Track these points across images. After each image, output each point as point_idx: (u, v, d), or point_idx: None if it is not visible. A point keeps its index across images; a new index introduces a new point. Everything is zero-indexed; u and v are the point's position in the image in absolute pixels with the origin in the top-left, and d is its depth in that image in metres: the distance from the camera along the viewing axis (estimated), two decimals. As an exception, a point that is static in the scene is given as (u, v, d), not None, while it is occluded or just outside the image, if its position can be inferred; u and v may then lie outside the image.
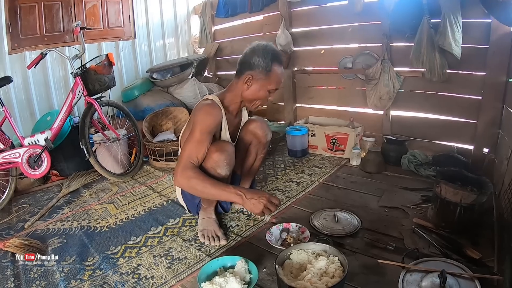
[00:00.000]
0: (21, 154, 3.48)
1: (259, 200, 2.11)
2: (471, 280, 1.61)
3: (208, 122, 2.33)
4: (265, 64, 2.34)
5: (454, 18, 3.17)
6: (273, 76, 2.37)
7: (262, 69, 2.35)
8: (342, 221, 2.60)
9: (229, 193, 2.17)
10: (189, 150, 2.28)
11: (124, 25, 5.64)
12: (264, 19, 5.25)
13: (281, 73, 2.43)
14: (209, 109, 2.37)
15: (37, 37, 4.68)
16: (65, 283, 2.22)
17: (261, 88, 2.41)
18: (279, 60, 2.41)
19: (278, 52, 2.44)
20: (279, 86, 2.46)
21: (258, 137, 2.76)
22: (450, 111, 3.70)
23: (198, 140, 2.28)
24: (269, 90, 2.43)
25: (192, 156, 2.27)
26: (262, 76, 2.37)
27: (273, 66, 2.35)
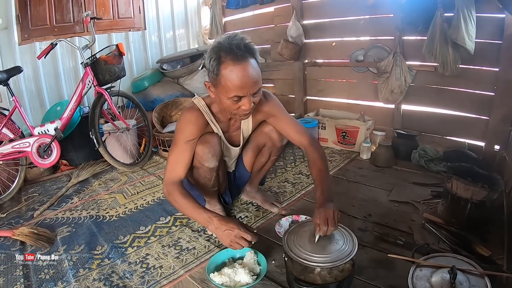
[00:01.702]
0: (31, 144, 3.49)
1: (226, 232, 1.90)
2: (481, 277, 1.58)
3: (188, 130, 2.18)
4: (212, 66, 1.91)
5: (468, 12, 3.12)
6: (224, 81, 1.88)
7: (212, 73, 1.94)
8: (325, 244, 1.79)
9: (200, 217, 2.01)
10: (171, 163, 2.19)
11: (134, 16, 5.63)
12: (275, 10, 5.18)
13: (236, 73, 1.85)
14: (189, 116, 2.20)
15: (47, 28, 4.68)
16: (74, 272, 2.24)
17: (222, 98, 1.98)
18: (231, 55, 1.85)
19: (229, 43, 1.87)
20: (241, 92, 1.90)
21: (273, 141, 2.55)
22: (461, 107, 3.65)
23: (179, 151, 2.18)
24: (233, 99, 1.93)
25: (173, 169, 2.17)
26: (214, 82, 1.96)
27: (222, 67, 1.87)
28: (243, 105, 1.95)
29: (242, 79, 1.86)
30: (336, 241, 1.78)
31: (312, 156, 2.30)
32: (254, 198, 2.99)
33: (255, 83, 1.91)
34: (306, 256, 1.69)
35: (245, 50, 1.88)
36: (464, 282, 1.54)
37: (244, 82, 1.87)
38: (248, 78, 1.87)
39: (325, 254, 1.68)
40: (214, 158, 2.31)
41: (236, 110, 2.01)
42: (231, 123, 2.41)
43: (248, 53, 1.89)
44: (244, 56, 1.87)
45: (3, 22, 4.19)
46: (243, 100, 1.94)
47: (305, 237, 1.83)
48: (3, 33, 4.30)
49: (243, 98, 1.93)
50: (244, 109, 1.97)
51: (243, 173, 2.80)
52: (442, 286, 1.54)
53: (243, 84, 1.87)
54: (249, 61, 1.89)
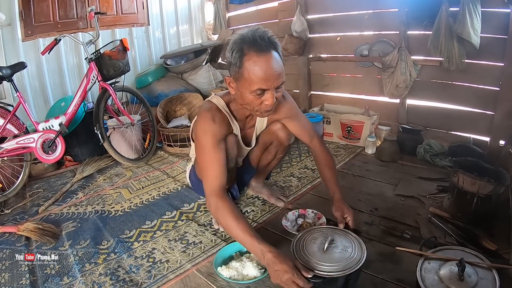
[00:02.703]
0: (35, 139, 3.49)
1: (278, 273, 1.66)
2: (489, 270, 1.58)
3: (215, 131, 2.04)
4: (234, 59, 1.84)
5: (473, 7, 3.11)
6: (248, 73, 1.80)
7: (234, 66, 1.86)
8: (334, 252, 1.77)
9: (253, 247, 1.80)
10: (208, 170, 2.03)
11: (138, 11, 5.63)
12: (279, 5, 5.20)
13: (261, 64, 1.78)
14: (212, 116, 2.06)
15: (50, 24, 4.68)
16: (80, 267, 2.24)
17: (243, 91, 1.89)
18: (256, 47, 1.79)
19: (253, 35, 1.80)
20: (265, 85, 1.82)
21: (281, 140, 2.49)
22: (467, 102, 3.64)
23: (213, 155, 2.02)
24: (256, 93, 1.85)
25: (214, 177, 2.00)
26: (237, 75, 1.87)
27: (245, 59, 1.80)
28: (266, 100, 1.88)
29: (266, 70, 1.79)
30: (345, 248, 1.75)
31: (323, 157, 2.36)
32: (260, 192, 2.99)
33: (279, 75, 1.84)
34: (315, 265, 1.67)
35: (268, 42, 1.81)
36: (472, 275, 1.54)
37: (268, 74, 1.80)
38: (272, 70, 1.80)
39: (335, 263, 1.66)
40: (233, 160, 2.31)
41: (258, 106, 1.93)
42: (247, 121, 2.35)
43: (271, 45, 1.82)
44: (268, 47, 1.80)
45: (7, 19, 4.19)
46: (266, 94, 1.87)
47: (314, 245, 1.81)
48: (7, 30, 4.30)
49: (266, 92, 1.86)
50: (267, 104, 1.89)
51: (249, 168, 2.79)
52: (451, 278, 1.54)
53: (267, 76, 1.80)
54: (273, 53, 1.82)
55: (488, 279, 1.54)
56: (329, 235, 1.82)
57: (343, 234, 1.88)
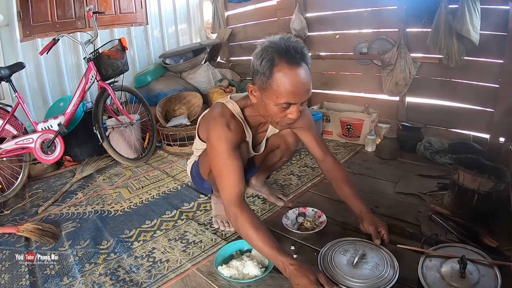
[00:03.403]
0: (34, 140, 3.48)
1: (303, 287, 1.60)
2: (490, 267, 1.58)
3: (231, 137, 1.95)
4: (263, 68, 1.73)
5: (473, 4, 3.11)
6: (277, 85, 1.71)
7: (262, 76, 1.75)
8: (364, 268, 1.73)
9: (274, 259, 1.74)
10: (226, 178, 1.92)
11: (136, 11, 5.62)
12: (278, 3, 5.19)
13: (292, 78, 1.70)
14: (227, 123, 1.97)
15: (48, 24, 4.67)
16: (79, 267, 2.24)
17: (267, 102, 1.81)
18: (289, 59, 1.69)
19: (287, 46, 1.70)
20: (294, 99, 1.75)
21: (288, 145, 2.47)
22: (466, 99, 3.64)
23: (230, 162, 1.92)
24: (282, 105, 1.77)
25: (232, 185, 1.91)
26: (264, 85, 1.77)
27: (276, 70, 1.70)
28: (291, 113, 1.80)
29: (297, 85, 1.71)
30: (376, 265, 1.70)
31: (339, 173, 2.30)
32: (260, 191, 2.98)
33: (308, 91, 1.77)
34: (341, 279, 1.63)
35: (301, 54, 1.73)
36: (474, 272, 1.54)
37: (299, 89, 1.72)
38: (303, 85, 1.73)
39: (363, 279, 1.61)
40: (243, 165, 2.21)
41: (281, 119, 1.86)
42: (259, 127, 2.31)
43: (303, 58, 1.74)
44: (300, 60, 1.72)
45: (5, 19, 4.17)
46: (291, 108, 1.80)
47: (343, 258, 1.77)
48: (5, 30, 4.29)
49: (292, 106, 1.79)
50: (290, 117, 1.82)
51: (251, 167, 2.75)
52: (452, 276, 1.54)
53: (297, 91, 1.72)
54: (304, 66, 1.74)
55: (489, 276, 1.54)
56: (360, 249, 1.78)
57: (375, 249, 1.83)
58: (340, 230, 2.40)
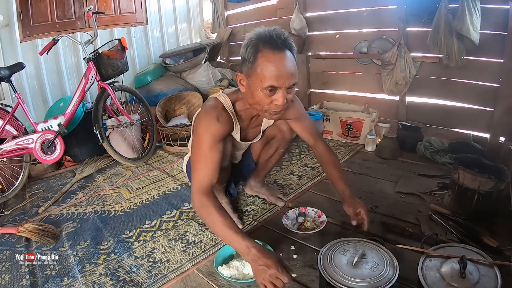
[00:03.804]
0: (35, 140, 3.48)
1: (263, 268, 1.69)
2: (490, 267, 1.59)
3: (217, 130, 1.98)
4: (248, 54, 1.81)
5: (473, 3, 3.11)
6: (260, 69, 1.77)
7: (247, 62, 1.83)
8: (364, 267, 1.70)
9: (238, 243, 1.79)
10: (200, 167, 1.96)
11: (136, 11, 5.62)
12: (278, 3, 5.19)
13: (274, 61, 1.76)
14: (217, 115, 2.00)
15: (48, 24, 4.67)
16: (80, 267, 2.24)
17: (255, 89, 1.85)
18: (271, 44, 1.77)
19: (270, 34, 1.78)
20: (277, 82, 1.77)
21: (283, 133, 2.49)
22: (466, 98, 3.64)
23: (207, 156, 1.95)
24: (267, 89, 1.80)
25: (205, 175, 1.94)
26: (249, 71, 1.84)
27: (259, 55, 1.77)
28: (277, 99, 1.83)
29: (280, 68, 1.76)
30: (376, 265, 1.69)
31: (328, 158, 2.37)
32: (259, 192, 2.98)
33: (291, 75, 1.80)
34: (340, 279, 1.63)
35: (284, 41, 1.79)
36: (474, 272, 1.54)
37: (281, 72, 1.76)
38: (286, 68, 1.77)
39: (362, 279, 1.60)
40: (227, 159, 2.30)
41: (268, 106, 1.88)
42: (252, 121, 2.31)
43: (287, 45, 1.81)
44: (283, 46, 1.78)
45: (4, 19, 4.18)
46: (277, 94, 1.82)
47: (343, 257, 1.76)
48: (5, 30, 4.30)
49: (277, 91, 1.82)
50: (277, 104, 1.85)
51: (248, 162, 2.80)
52: (452, 276, 1.54)
53: (280, 73, 1.76)
54: (287, 52, 1.80)
55: (489, 276, 1.54)
56: (360, 249, 1.77)
57: (375, 249, 1.82)
58: (340, 230, 2.40)
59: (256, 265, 1.71)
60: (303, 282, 1.93)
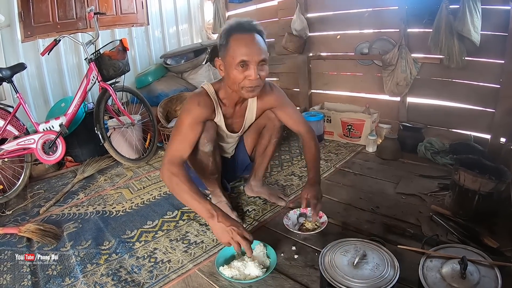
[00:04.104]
0: (36, 140, 3.49)
1: (229, 228, 1.88)
2: (491, 268, 1.59)
3: (197, 112, 2.21)
4: (222, 40, 2.09)
5: (473, 4, 3.10)
6: (232, 46, 2.02)
7: (222, 47, 2.10)
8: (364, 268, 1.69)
9: (202, 208, 1.95)
10: (175, 144, 2.17)
11: (137, 11, 5.62)
12: (279, 4, 5.19)
13: (243, 40, 2.01)
14: (196, 99, 2.24)
15: (50, 25, 4.68)
16: (81, 267, 2.24)
17: (230, 68, 2.07)
18: (240, 29, 2.04)
19: (238, 22, 2.06)
20: (247, 56, 2.00)
21: (272, 120, 2.58)
22: (467, 99, 3.64)
23: (183, 135, 2.18)
24: (239, 65, 2.02)
25: (177, 149, 2.15)
26: (224, 54, 2.09)
27: (231, 38, 2.03)
28: (249, 75, 2.03)
29: (248, 44, 2.00)
30: (376, 265, 1.69)
31: (308, 143, 2.50)
32: (260, 192, 2.98)
33: (260, 50, 2.03)
34: (341, 279, 1.62)
35: (253, 26, 2.06)
36: (474, 273, 1.54)
37: (250, 47, 1.99)
38: (254, 44, 2.01)
39: (363, 280, 1.60)
40: (209, 143, 2.36)
41: (242, 82, 2.07)
42: (236, 110, 2.46)
43: (255, 29, 2.06)
44: (251, 29, 2.04)
45: (6, 20, 4.18)
46: (249, 70, 2.02)
47: (344, 258, 1.76)
48: (6, 31, 4.31)
49: (249, 67, 2.02)
50: (250, 79, 2.04)
51: (244, 157, 2.88)
52: (453, 276, 1.54)
53: (249, 49, 1.99)
54: (255, 34, 2.04)
55: (490, 277, 1.54)
56: (361, 249, 1.78)
57: (376, 249, 1.82)
58: (341, 231, 2.40)
59: (222, 227, 1.90)
60: (304, 282, 1.94)
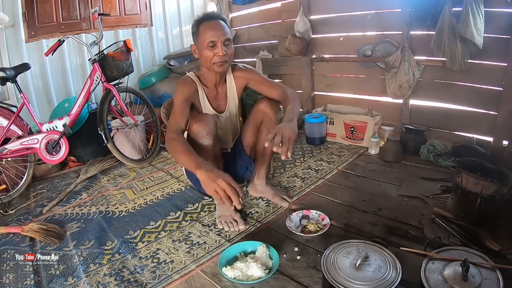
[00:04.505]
0: (39, 140, 3.51)
1: (215, 176, 1.94)
2: (493, 270, 1.59)
3: (183, 92, 2.55)
4: (194, 29, 2.51)
5: (476, 7, 3.10)
6: (202, 31, 2.43)
7: (195, 35, 2.51)
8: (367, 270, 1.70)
9: (191, 161, 2.09)
10: (173, 119, 2.42)
11: (141, 12, 5.63)
12: (282, 5, 5.18)
13: (210, 25, 2.43)
14: (182, 82, 2.64)
15: (53, 25, 4.69)
16: (84, 267, 2.25)
17: (201, 50, 2.47)
18: (207, 18, 2.47)
19: (206, 13, 2.54)
20: (214, 37, 2.39)
21: (268, 115, 2.69)
22: (469, 102, 3.63)
23: (178, 110, 2.46)
24: (209, 46, 2.41)
25: (176, 123, 2.38)
26: (196, 38, 2.51)
27: (200, 26, 2.44)
28: (218, 52, 2.42)
29: (214, 27, 2.41)
30: (379, 267, 1.70)
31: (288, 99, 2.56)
32: (264, 193, 2.99)
33: (225, 31, 2.44)
34: (343, 281, 1.63)
35: (217, 15, 2.52)
36: (476, 275, 1.55)
37: (215, 29, 2.41)
38: (219, 27, 2.43)
39: (365, 282, 1.61)
40: (209, 136, 2.49)
41: (212, 58, 2.45)
42: (219, 92, 2.79)
43: (219, 17, 2.50)
44: (216, 17, 2.48)
45: (10, 20, 4.20)
46: (217, 48, 2.42)
47: (346, 260, 1.77)
48: (10, 31, 4.32)
49: (217, 46, 2.42)
50: (218, 55, 2.43)
51: (244, 156, 2.97)
52: (455, 278, 1.55)
53: (215, 31, 2.40)
54: (219, 20, 2.47)
55: (491, 279, 1.55)
56: (363, 251, 1.78)
57: (378, 251, 1.82)
58: (343, 233, 2.40)
59: (206, 176, 1.97)
60: (306, 283, 1.94)
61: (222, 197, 1.91)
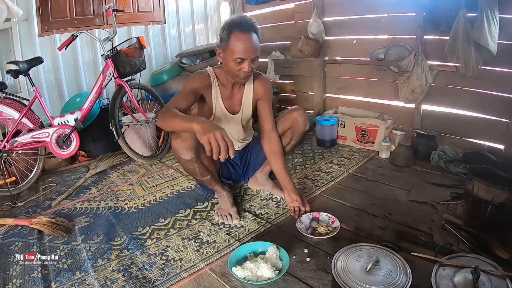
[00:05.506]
0: (50, 134, 3.53)
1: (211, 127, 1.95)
2: (502, 279, 1.58)
3: (193, 82, 2.56)
4: (224, 35, 2.39)
5: (491, 13, 3.08)
6: (232, 45, 2.34)
7: (223, 40, 2.41)
8: (377, 274, 1.69)
9: (187, 118, 2.12)
10: (173, 100, 2.43)
11: (154, 9, 5.66)
12: (296, 7, 5.18)
13: (242, 40, 2.32)
14: (196, 74, 2.63)
15: (67, 20, 4.73)
16: (92, 262, 2.26)
17: (228, 60, 2.41)
18: (240, 28, 2.33)
19: (240, 20, 2.37)
20: (244, 55, 2.32)
21: (298, 124, 2.79)
22: (482, 108, 3.61)
23: (182, 94, 2.48)
24: (237, 60, 2.36)
25: (174, 102, 2.39)
26: (224, 47, 2.41)
27: (232, 35, 2.34)
28: (244, 67, 2.38)
29: (245, 43, 2.32)
30: (389, 272, 1.69)
31: (278, 147, 2.74)
32: (263, 185, 3.08)
33: (255, 50, 2.37)
34: (353, 284, 1.62)
35: (251, 25, 2.37)
36: (486, 283, 1.54)
37: (247, 47, 2.32)
38: (250, 44, 2.33)
39: (375, 286, 1.61)
40: (189, 151, 2.49)
41: (237, 72, 2.42)
42: (234, 92, 2.76)
43: (253, 28, 2.37)
44: (250, 29, 2.35)
45: (24, 14, 4.22)
46: (244, 64, 2.37)
47: (356, 263, 1.76)
48: (24, 25, 4.36)
49: (244, 62, 2.36)
50: (244, 71, 2.40)
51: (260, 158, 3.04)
52: (465, 285, 1.54)
53: (246, 48, 2.32)
54: (252, 34, 2.36)
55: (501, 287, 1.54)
56: (374, 255, 1.78)
57: (389, 256, 1.82)
58: (353, 236, 2.39)
59: (202, 126, 1.97)
60: (315, 286, 1.93)
61: (213, 148, 1.92)
